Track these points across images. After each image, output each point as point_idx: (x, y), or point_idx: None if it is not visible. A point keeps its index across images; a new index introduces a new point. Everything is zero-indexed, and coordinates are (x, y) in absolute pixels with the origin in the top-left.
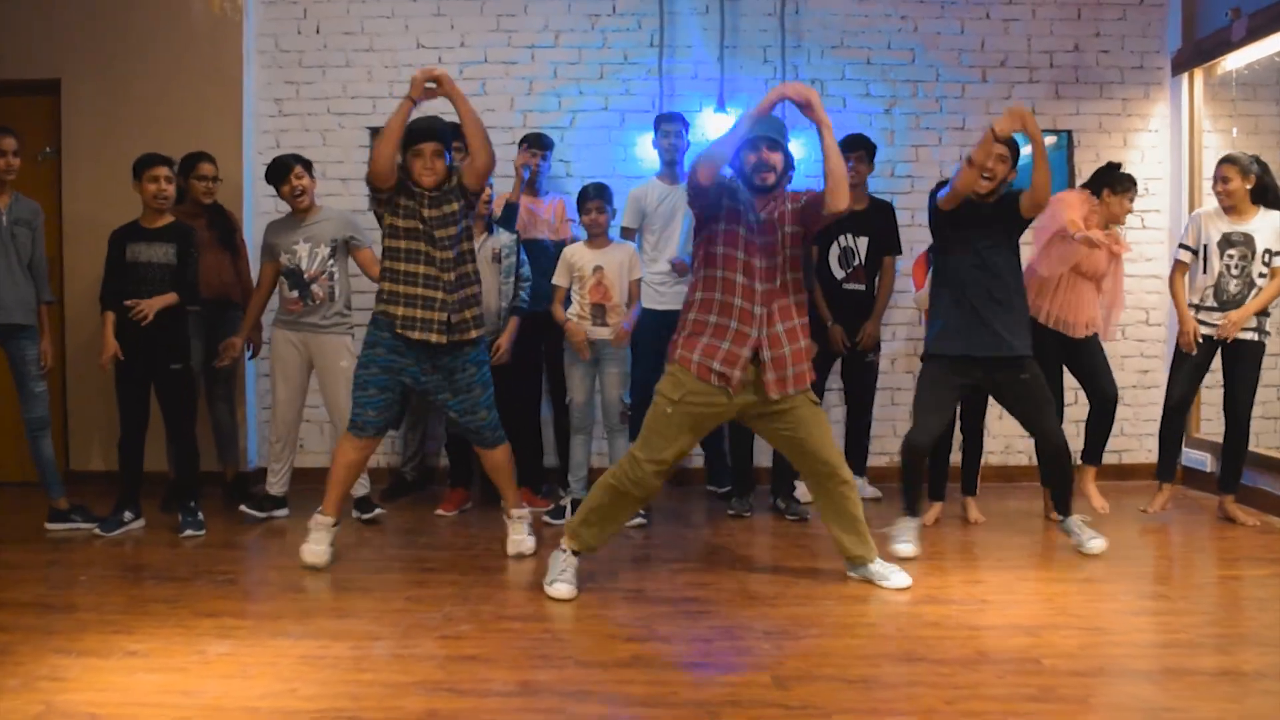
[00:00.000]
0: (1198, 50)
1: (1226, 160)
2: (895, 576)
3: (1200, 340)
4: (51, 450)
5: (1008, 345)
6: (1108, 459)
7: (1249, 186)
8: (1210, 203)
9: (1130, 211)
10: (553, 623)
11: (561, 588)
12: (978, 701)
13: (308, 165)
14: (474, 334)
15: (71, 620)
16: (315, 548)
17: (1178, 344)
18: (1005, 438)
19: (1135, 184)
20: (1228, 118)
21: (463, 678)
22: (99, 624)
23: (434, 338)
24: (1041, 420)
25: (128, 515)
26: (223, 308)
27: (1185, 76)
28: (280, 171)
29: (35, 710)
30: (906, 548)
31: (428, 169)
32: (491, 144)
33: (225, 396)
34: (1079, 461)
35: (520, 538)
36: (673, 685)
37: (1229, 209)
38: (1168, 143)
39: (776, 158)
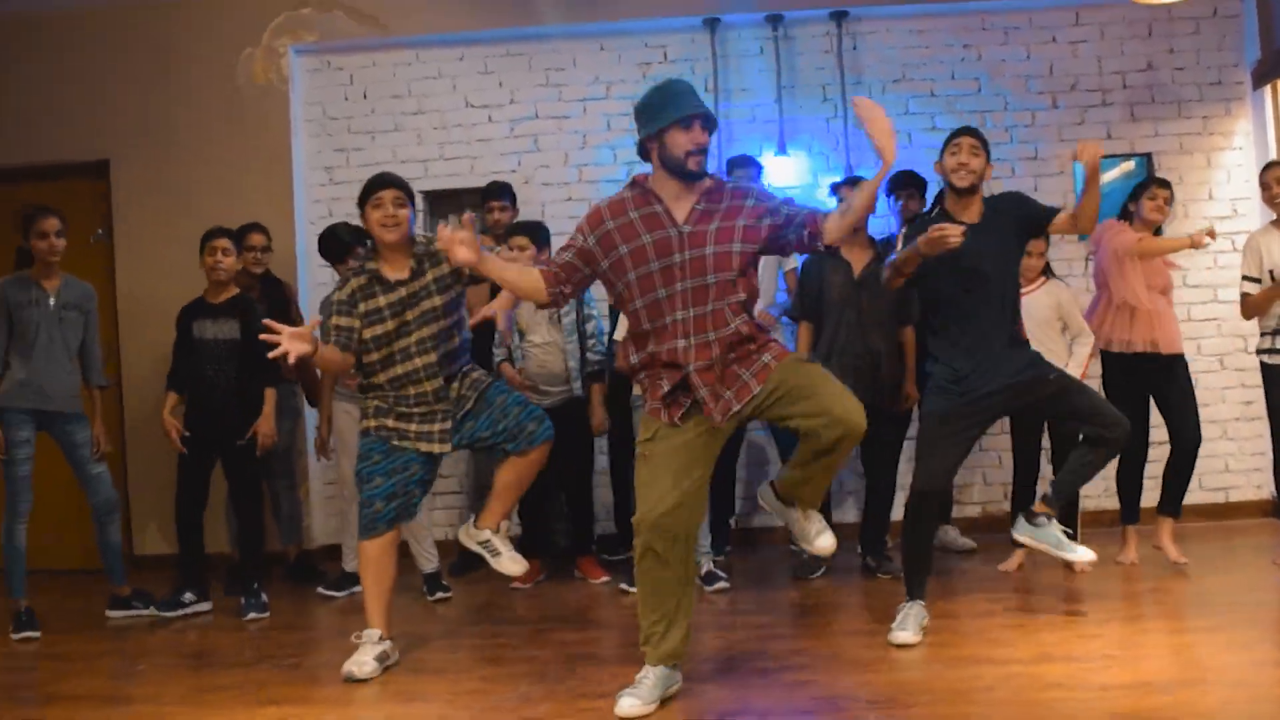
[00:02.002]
0: (1278, 60)
1: (1275, 164)
2: (820, 539)
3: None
4: (119, 536)
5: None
6: (1214, 497)
7: None
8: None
9: (1161, 208)
10: (646, 705)
11: (625, 702)
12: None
13: (363, 238)
14: (472, 396)
15: (128, 713)
16: (361, 658)
17: (1267, 377)
18: (1103, 480)
19: (1158, 182)
20: None
21: None
22: (155, 716)
23: (436, 448)
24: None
25: (188, 596)
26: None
27: (1268, 89)
28: (337, 249)
29: None
30: (906, 635)
31: (390, 220)
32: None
33: (285, 473)
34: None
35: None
36: None
37: None
38: (1253, 160)
39: (707, 140)
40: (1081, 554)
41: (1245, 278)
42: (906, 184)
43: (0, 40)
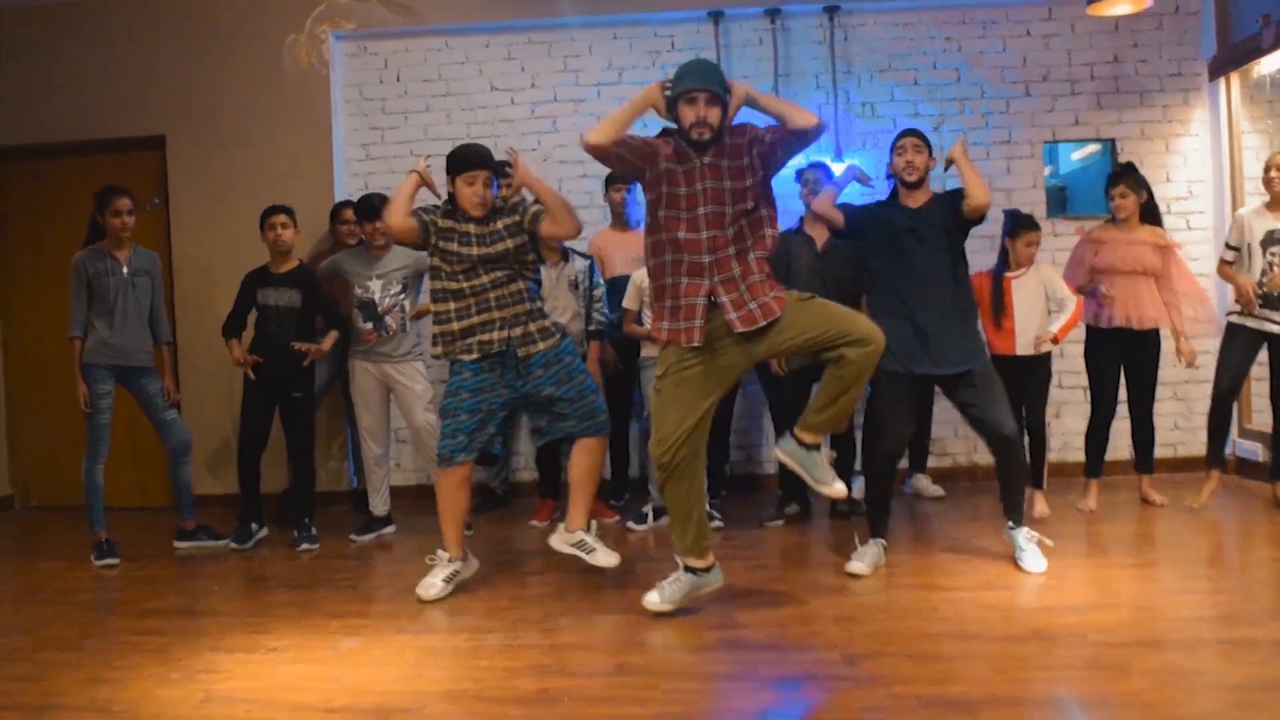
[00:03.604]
0: (1232, 56)
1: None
2: (837, 484)
3: (1243, 331)
4: (189, 475)
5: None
6: (1164, 453)
7: None
8: (1252, 202)
9: (1120, 205)
10: (645, 615)
11: (651, 597)
12: (1025, 671)
13: None
14: (541, 345)
15: (215, 623)
16: (431, 580)
17: (1225, 334)
18: (1065, 435)
19: (1113, 179)
20: (1266, 119)
21: (567, 661)
22: (239, 625)
23: (495, 347)
24: (995, 411)
25: (254, 527)
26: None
27: (1222, 81)
28: (369, 213)
29: (197, 698)
30: (860, 566)
31: (478, 199)
32: (575, 215)
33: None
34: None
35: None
36: (754, 664)
37: (1273, 200)
38: (1208, 146)
39: (715, 113)
40: (1028, 562)
41: (1226, 245)
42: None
43: (65, 22)
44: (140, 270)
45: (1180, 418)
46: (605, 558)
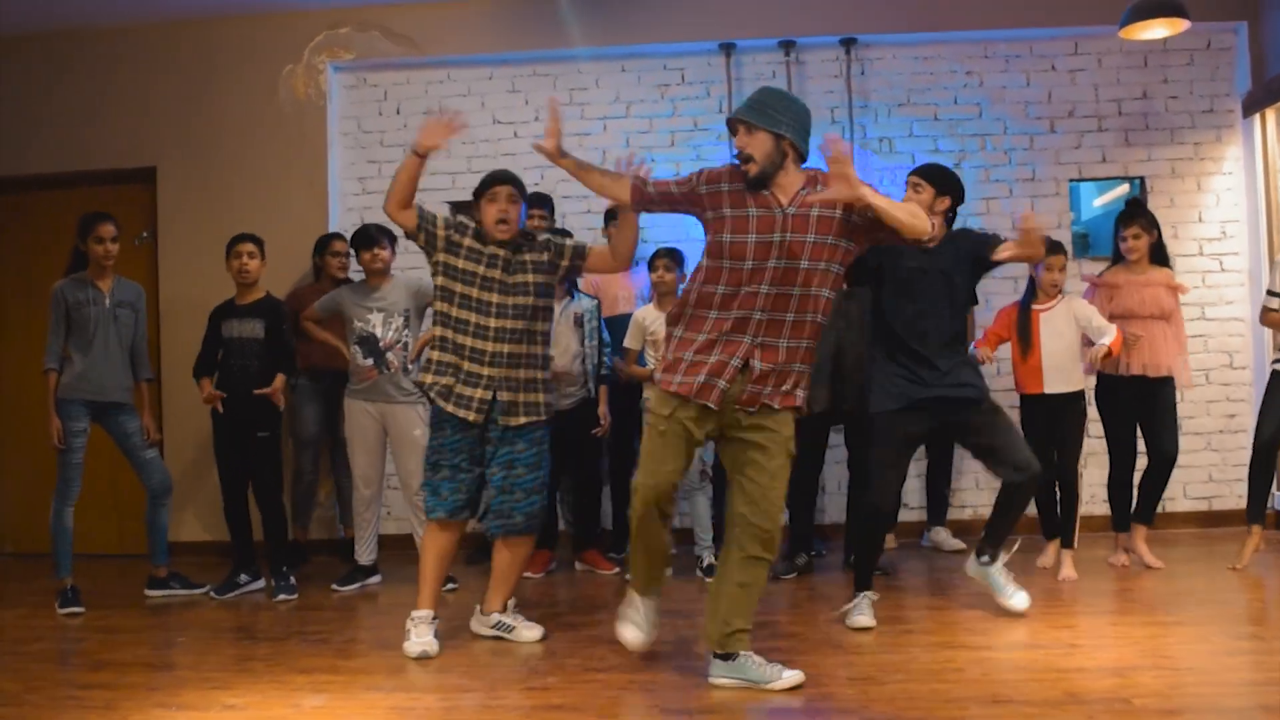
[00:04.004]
0: (1268, 91)
1: None
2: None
3: None
4: (167, 519)
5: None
6: (1197, 505)
7: None
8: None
9: (1132, 247)
10: (637, 673)
11: (625, 630)
12: None
13: (392, 238)
14: (523, 420)
15: (172, 678)
16: (420, 640)
17: (1270, 383)
18: (1090, 487)
19: (1124, 221)
20: None
21: None
22: (198, 680)
23: (471, 416)
24: (1017, 446)
25: (243, 578)
26: (342, 380)
27: (1257, 117)
28: (365, 240)
29: None
30: (865, 619)
31: (499, 215)
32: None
33: (345, 466)
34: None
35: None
36: None
37: None
38: (1243, 185)
39: (752, 140)
40: (1017, 601)
41: (1270, 292)
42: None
43: (56, 52)
44: (123, 302)
45: (1215, 469)
46: (528, 633)
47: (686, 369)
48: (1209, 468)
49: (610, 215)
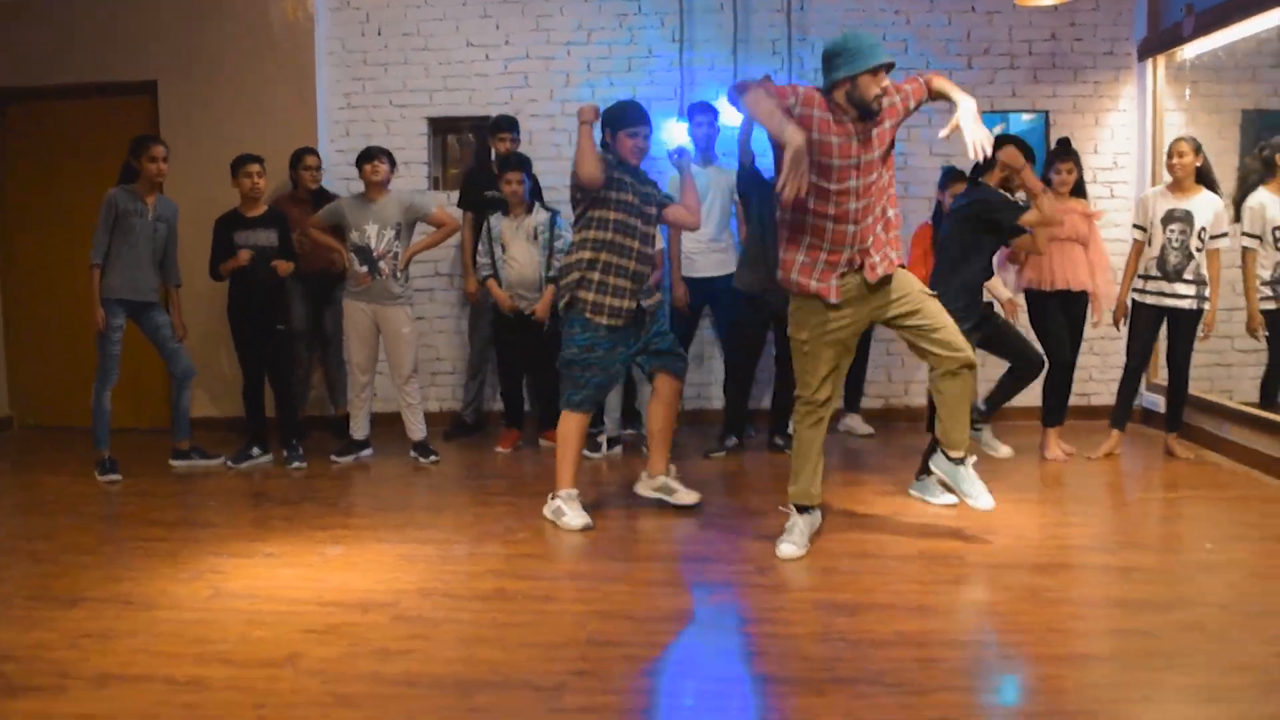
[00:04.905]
0: (1160, 40)
1: (1181, 138)
2: (981, 497)
3: (1145, 308)
4: (189, 401)
5: None
6: (1078, 401)
7: (1197, 164)
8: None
9: (1065, 180)
10: (593, 533)
11: (786, 548)
12: (905, 584)
13: (391, 158)
14: (657, 296)
15: (214, 533)
16: (577, 515)
17: (1132, 312)
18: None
19: (1060, 155)
20: (1186, 100)
21: (521, 568)
22: (237, 535)
23: (620, 322)
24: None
25: (255, 451)
26: (327, 281)
27: (1150, 62)
28: (366, 155)
29: (207, 594)
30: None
31: (639, 150)
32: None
33: (335, 352)
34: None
35: (682, 490)
36: (682, 572)
37: (1175, 182)
38: (1134, 121)
39: (889, 84)
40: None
41: (1135, 225)
42: None
43: None
44: (162, 216)
45: (1095, 370)
46: (686, 496)
47: (799, 270)
48: (1090, 369)
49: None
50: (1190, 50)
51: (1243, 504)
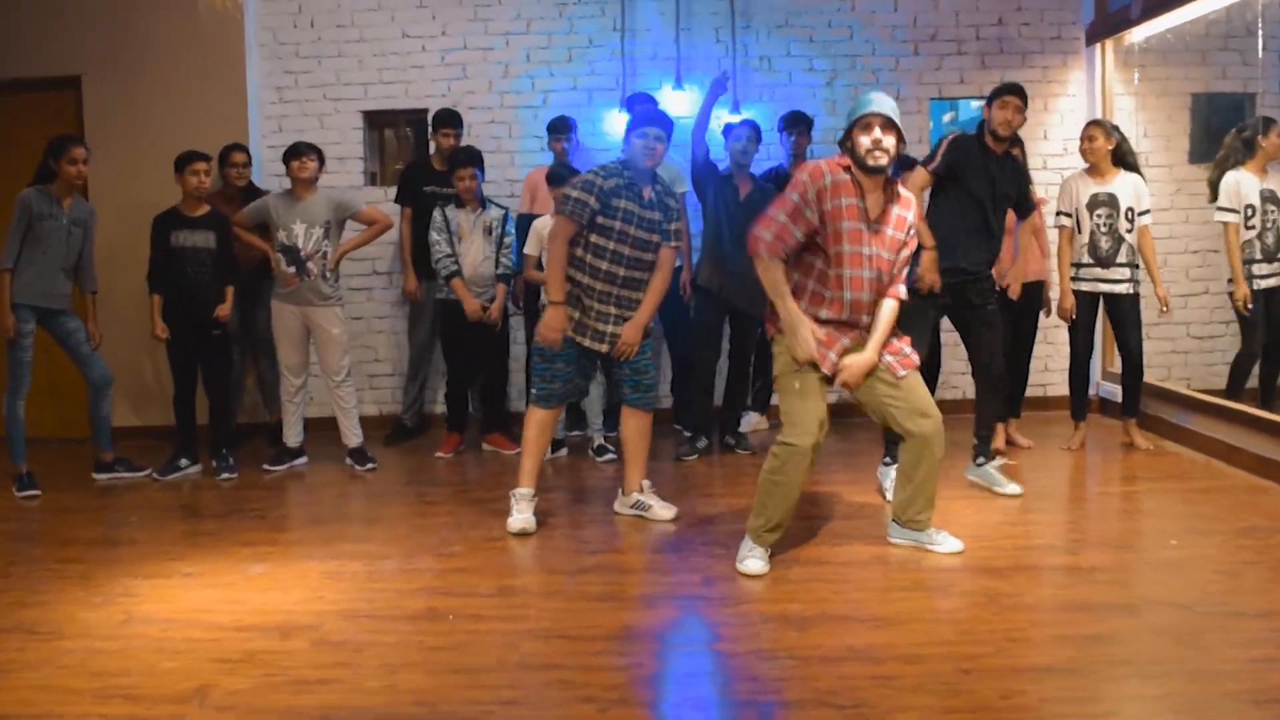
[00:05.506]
0: (1107, 24)
1: (1092, 123)
2: (947, 542)
3: (1081, 295)
4: (109, 409)
5: None
6: (1034, 392)
7: (1110, 147)
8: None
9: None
10: (531, 542)
11: (752, 564)
12: (859, 592)
13: (320, 154)
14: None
15: (133, 551)
16: (520, 516)
17: (1076, 305)
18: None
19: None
20: (1134, 83)
21: (454, 585)
22: (156, 553)
23: (602, 348)
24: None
25: (184, 461)
26: (258, 279)
27: (1098, 46)
28: (293, 151)
29: (119, 619)
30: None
31: (648, 151)
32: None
33: (269, 354)
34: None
35: (657, 505)
36: (624, 585)
37: (1093, 166)
38: (1083, 106)
39: (891, 139)
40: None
41: (1060, 212)
42: (796, 122)
43: None
44: (78, 220)
45: (1050, 360)
46: (663, 511)
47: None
48: (1045, 359)
49: (550, 130)
50: (1138, 34)
51: (1205, 496)
